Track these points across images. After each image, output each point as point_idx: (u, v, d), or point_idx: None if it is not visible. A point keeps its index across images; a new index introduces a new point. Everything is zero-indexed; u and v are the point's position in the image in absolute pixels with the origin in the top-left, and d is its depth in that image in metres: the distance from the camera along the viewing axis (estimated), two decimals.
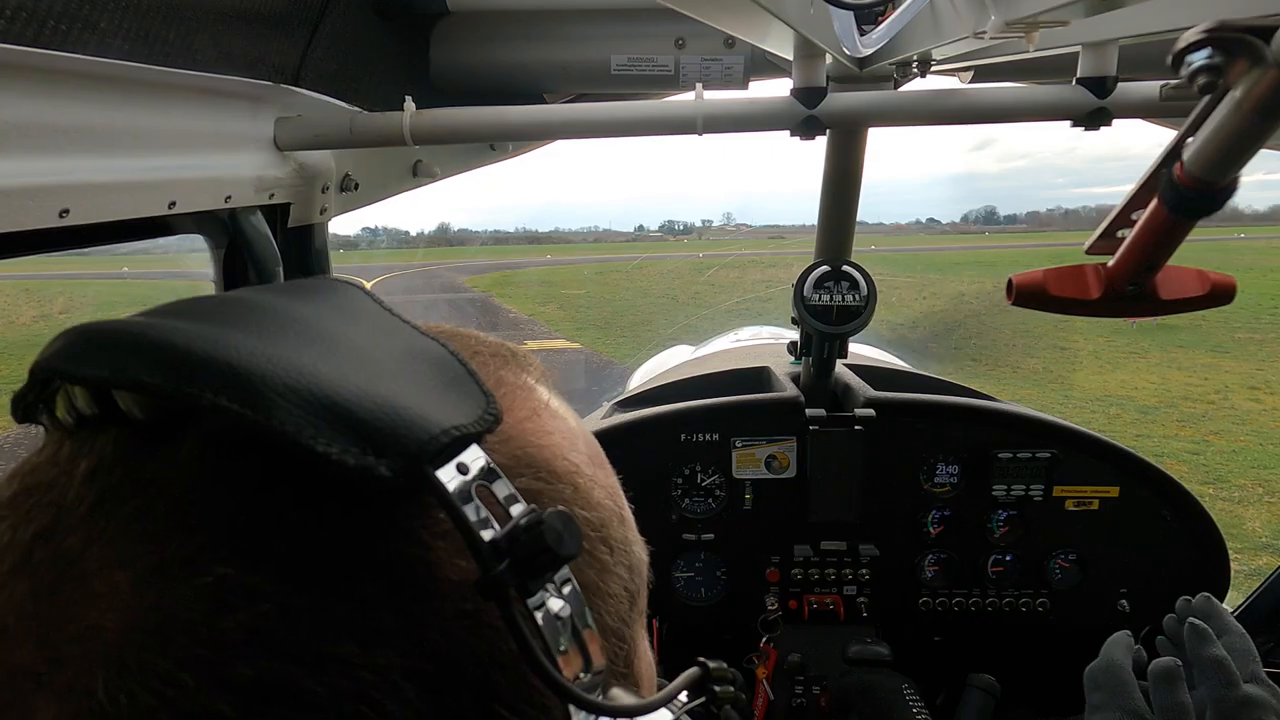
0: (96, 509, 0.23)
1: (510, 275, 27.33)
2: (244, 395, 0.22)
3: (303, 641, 0.22)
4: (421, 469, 0.24)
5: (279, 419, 0.22)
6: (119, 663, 0.21)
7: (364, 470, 0.23)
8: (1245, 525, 5.06)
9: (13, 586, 0.22)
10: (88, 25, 0.55)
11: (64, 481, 0.24)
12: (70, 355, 0.24)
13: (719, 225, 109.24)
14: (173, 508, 0.23)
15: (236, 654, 0.21)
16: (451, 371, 0.29)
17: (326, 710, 0.22)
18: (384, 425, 0.24)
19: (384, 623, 0.23)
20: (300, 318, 0.28)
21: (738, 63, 1.05)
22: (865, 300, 1.19)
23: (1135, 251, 0.67)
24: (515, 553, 0.24)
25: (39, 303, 15.28)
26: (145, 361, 0.23)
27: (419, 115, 0.86)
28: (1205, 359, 10.36)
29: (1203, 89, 0.44)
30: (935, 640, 1.43)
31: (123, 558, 0.22)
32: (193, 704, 0.21)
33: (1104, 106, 0.85)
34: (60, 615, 0.22)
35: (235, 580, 0.22)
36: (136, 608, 0.22)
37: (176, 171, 0.70)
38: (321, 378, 0.24)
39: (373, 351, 0.28)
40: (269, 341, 0.25)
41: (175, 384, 0.23)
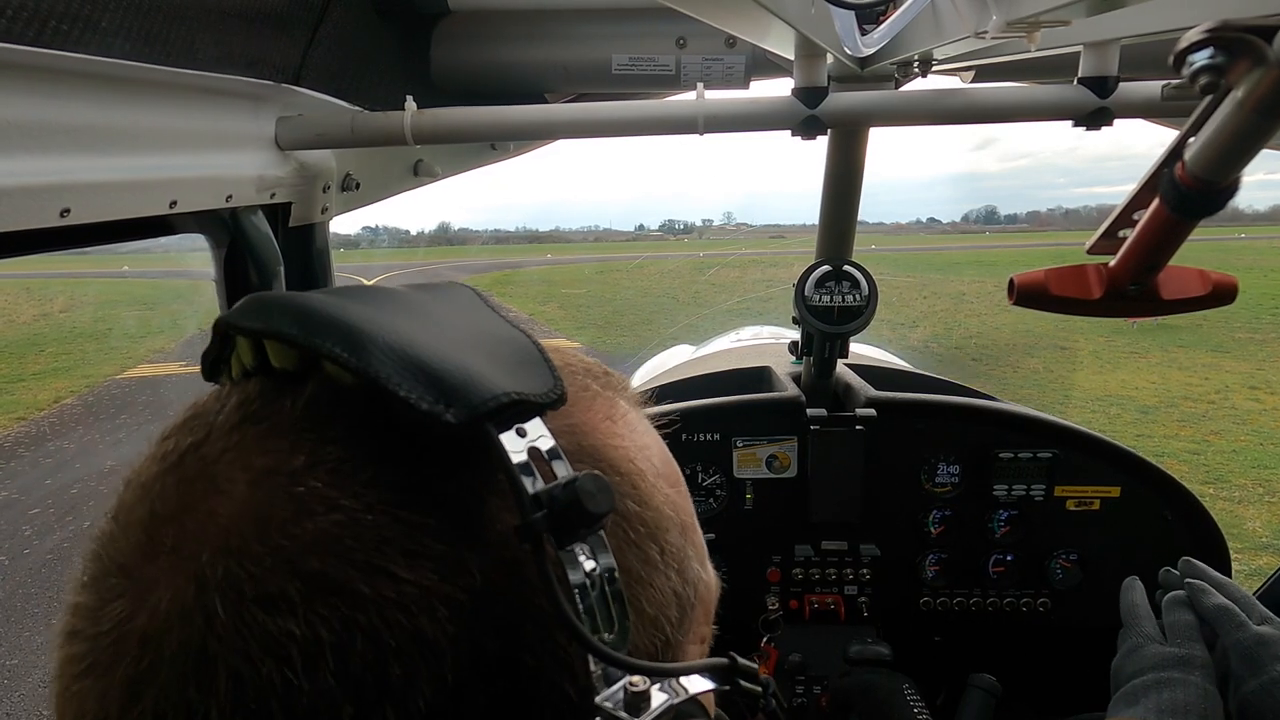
0: (235, 429, 0.30)
1: (511, 274, 27.32)
2: (352, 347, 0.28)
3: (361, 550, 0.26)
4: (481, 421, 0.28)
5: (375, 367, 0.28)
6: (224, 543, 0.26)
7: (433, 415, 0.27)
8: (1245, 525, 5.05)
9: (165, 480, 0.29)
10: (89, 25, 0.55)
11: (218, 409, 0.31)
12: (240, 313, 0.31)
13: (720, 225, 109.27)
14: (288, 433, 0.29)
15: (310, 549, 0.26)
16: (529, 355, 0.33)
17: (369, 610, 0.26)
18: (455, 380, 0.28)
19: (431, 549, 0.27)
20: (413, 300, 0.34)
21: (739, 62, 1.05)
22: (866, 300, 1.19)
23: (1137, 251, 0.67)
24: (552, 505, 0.27)
25: (40, 301, 15.28)
26: (286, 318, 0.29)
27: (420, 115, 0.86)
28: (1205, 359, 10.35)
29: (1204, 89, 0.44)
30: (936, 640, 1.43)
31: (245, 464, 0.28)
32: (270, 582, 0.26)
33: (1105, 106, 0.84)
34: (192, 503, 0.28)
35: (321, 493, 0.27)
36: (246, 502, 0.27)
37: (177, 171, 0.70)
38: (415, 341, 0.29)
39: (464, 329, 0.33)
40: (380, 312, 0.31)
41: (305, 335, 0.29)
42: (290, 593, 0.25)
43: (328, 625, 0.25)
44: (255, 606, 0.25)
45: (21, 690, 3.54)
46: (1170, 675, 0.73)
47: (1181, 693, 0.71)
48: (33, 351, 10.89)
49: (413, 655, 0.26)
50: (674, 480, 0.38)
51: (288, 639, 0.25)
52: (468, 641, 0.27)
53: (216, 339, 0.33)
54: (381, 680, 0.26)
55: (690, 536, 0.37)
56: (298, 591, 0.25)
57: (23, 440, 7.15)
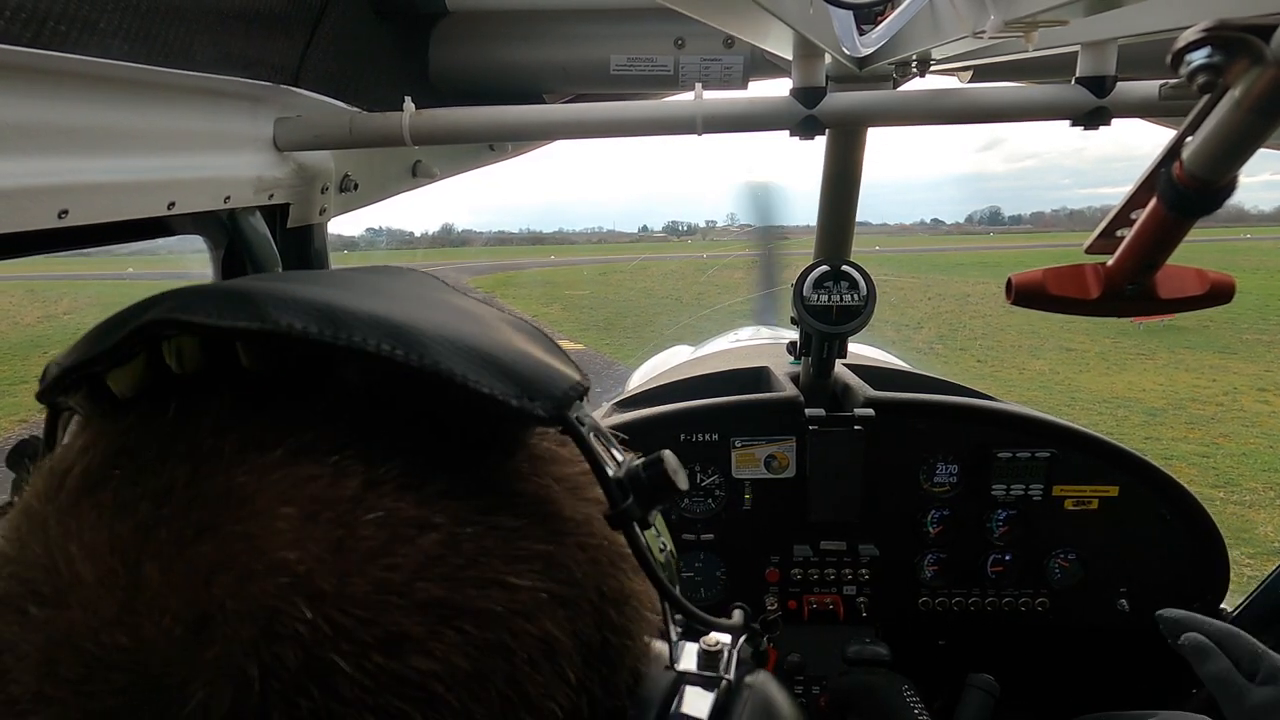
0: (242, 454, 0.24)
1: (513, 276, 27.35)
2: (406, 343, 0.25)
3: (471, 565, 0.24)
4: (564, 413, 0.27)
5: (445, 364, 0.25)
6: (311, 588, 0.22)
7: (524, 411, 0.26)
8: (1257, 529, 5.00)
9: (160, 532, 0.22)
10: (87, 26, 0.56)
11: (183, 434, 0.24)
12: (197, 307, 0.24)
13: (723, 225, 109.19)
14: (321, 452, 0.24)
15: (419, 576, 0.23)
16: (549, 342, 0.33)
17: (496, 625, 0.24)
18: (534, 375, 0.27)
19: (531, 550, 0.26)
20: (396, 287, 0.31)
21: (737, 62, 1.05)
22: (865, 300, 1.19)
23: (1134, 251, 0.67)
24: (638, 488, 0.28)
25: (44, 303, 15.35)
26: (293, 312, 0.24)
27: (418, 115, 0.86)
28: (1213, 360, 10.31)
29: (1202, 88, 0.44)
30: (940, 644, 1.43)
31: (285, 496, 0.23)
32: (387, 621, 0.22)
33: (1103, 106, 0.84)
34: (229, 551, 0.22)
35: (405, 514, 0.24)
36: (315, 538, 0.23)
37: (176, 172, 0.70)
38: (463, 332, 0.27)
39: (485, 318, 0.31)
40: (390, 301, 0.27)
41: (334, 332, 0.24)
42: (412, 628, 0.23)
43: (462, 653, 0.23)
44: (378, 653, 0.22)
45: None
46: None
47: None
48: (36, 353, 10.94)
49: (542, 661, 0.25)
50: None
51: (427, 678, 0.22)
52: (578, 636, 0.27)
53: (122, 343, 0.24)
54: (521, 694, 0.25)
55: None
56: (420, 625, 0.23)
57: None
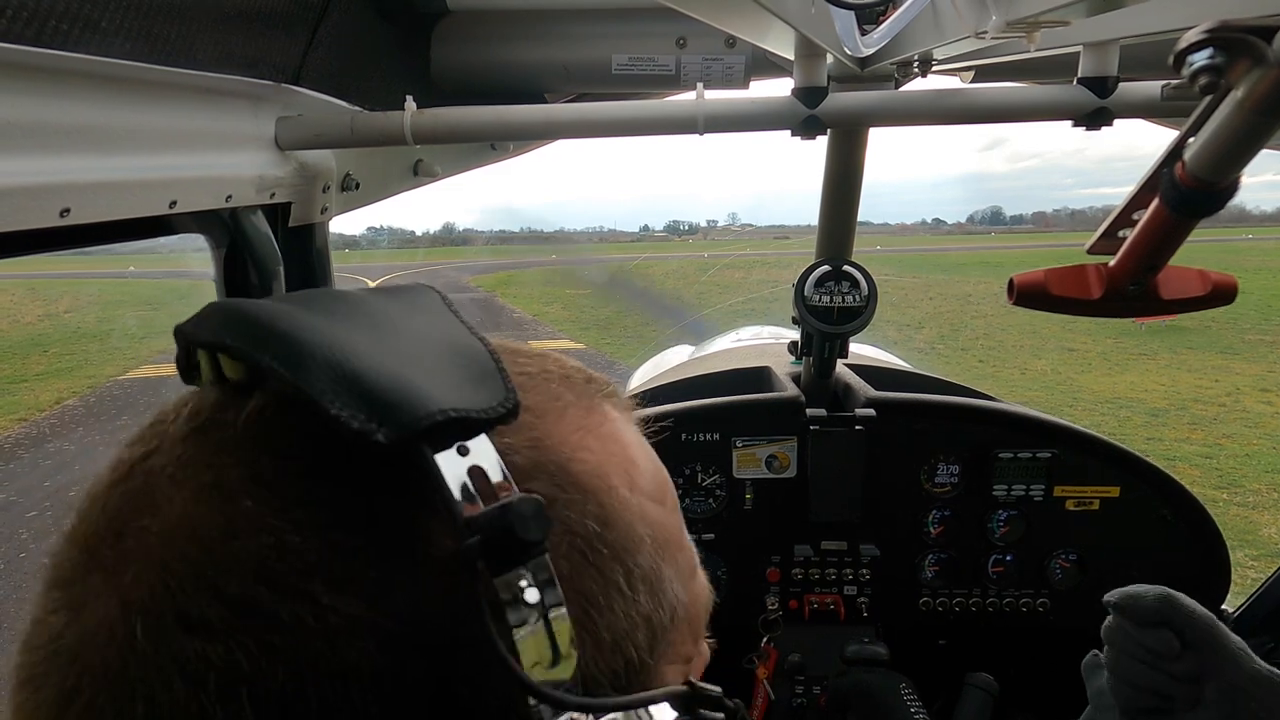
0: (184, 439, 0.29)
1: (514, 275, 27.35)
2: (290, 361, 0.27)
3: (286, 574, 0.25)
4: (414, 440, 0.26)
5: (309, 382, 0.26)
6: (152, 560, 0.26)
7: (363, 434, 0.25)
8: (1261, 531, 4.97)
9: (112, 494, 0.29)
10: (89, 25, 0.56)
11: (172, 419, 0.30)
12: (195, 323, 0.30)
13: (724, 225, 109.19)
14: (229, 449, 0.28)
15: (233, 572, 0.25)
16: (481, 368, 0.31)
17: (289, 637, 0.25)
18: (390, 398, 0.26)
19: (358, 574, 0.26)
20: (371, 308, 0.33)
21: (739, 62, 1.05)
22: (866, 300, 1.19)
23: (1136, 251, 0.67)
24: (487, 530, 0.26)
25: (45, 302, 15.37)
26: (231, 329, 0.28)
27: (420, 115, 0.86)
28: (1215, 360, 10.29)
29: (1204, 89, 0.44)
30: (940, 644, 1.43)
31: (186, 480, 0.27)
32: (191, 605, 0.25)
33: (1105, 106, 0.84)
34: (131, 515, 0.27)
35: (252, 512, 0.26)
36: (180, 521, 0.26)
37: (177, 171, 0.70)
38: (357, 354, 0.28)
39: (415, 341, 0.31)
40: (330, 321, 0.30)
41: (245, 347, 0.28)
42: (211, 617, 0.25)
43: (247, 652, 0.24)
44: (176, 629, 0.25)
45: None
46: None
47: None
48: (36, 351, 10.95)
49: (335, 686, 0.25)
50: (659, 496, 0.35)
51: (205, 665, 0.24)
52: (395, 673, 0.26)
53: (180, 348, 0.32)
54: (301, 711, 0.25)
55: (668, 555, 0.34)
56: (219, 616, 0.25)
57: (23, 441, 7.18)
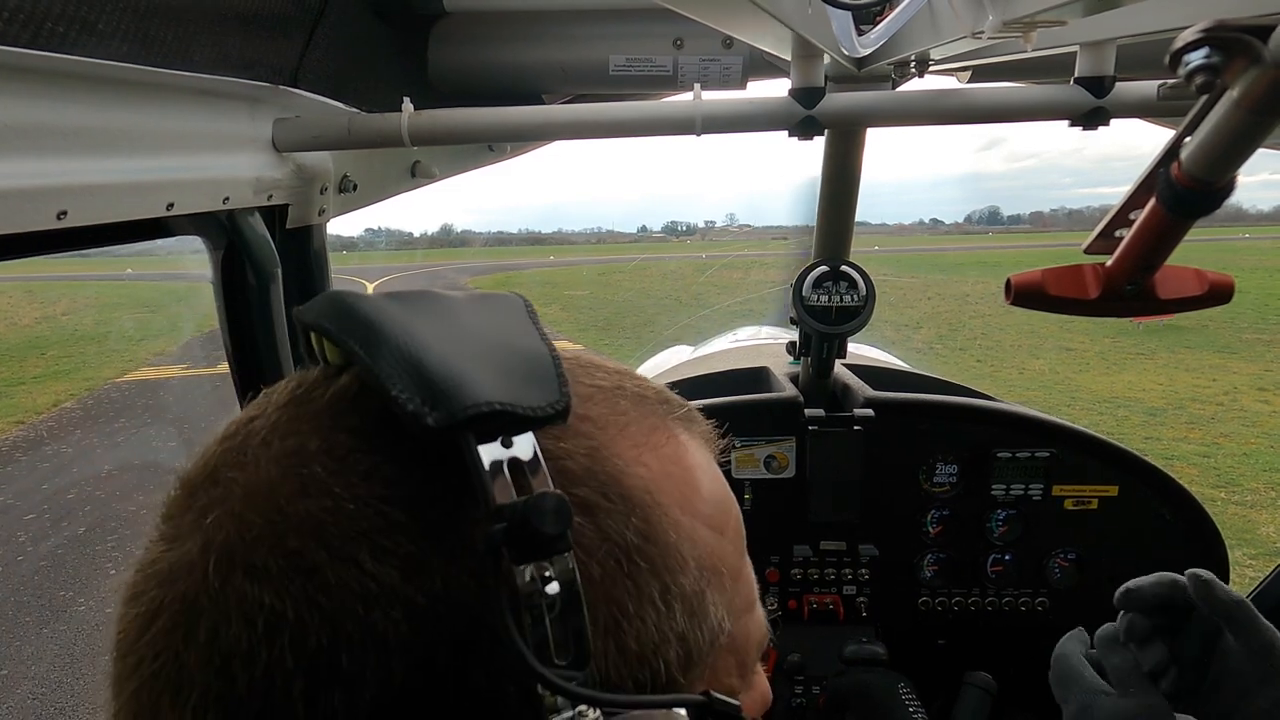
0: (281, 409, 0.33)
1: (513, 276, 27.35)
2: (369, 345, 0.30)
3: (338, 537, 0.28)
4: (459, 426, 0.28)
5: (380, 366, 0.29)
6: (232, 509, 0.29)
7: (416, 416, 0.28)
8: (1259, 530, 4.98)
9: (219, 447, 0.32)
10: (85, 27, 0.55)
11: (281, 389, 0.34)
12: (306, 307, 0.34)
13: (722, 226, 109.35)
14: (315, 418, 0.31)
15: (295, 529, 0.28)
16: (541, 370, 0.32)
17: (331, 596, 0.27)
18: (445, 385, 0.28)
19: (399, 547, 0.28)
20: (455, 308, 0.36)
21: (736, 63, 1.05)
22: (864, 300, 1.19)
23: (1133, 251, 0.67)
24: (512, 520, 0.27)
25: (42, 304, 15.33)
26: (330, 315, 0.32)
27: (417, 116, 0.86)
28: (1213, 360, 10.31)
29: (1200, 88, 0.44)
30: (940, 644, 1.43)
31: (273, 442, 0.31)
32: (257, 553, 0.28)
33: (1102, 106, 0.84)
34: (226, 466, 0.31)
35: (320, 478, 0.29)
36: (263, 476, 0.30)
37: (174, 173, 0.70)
38: (426, 345, 0.30)
39: (485, 340, 0.33)
40: (411, 315, 0.32)
41: (337, 330, 0.32)
42: (271, 566, 0.27)
43: (294, 602, 0.27)
44: (240, 573, 0.28)
45: (10, 702, 3.42)
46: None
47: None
48: (34, 354, 10.92)
49: (363, 648, 0.27)
50: (718, 524, 0.37)
51: (258, 607, 0.27)
52: (420, 646, 0.27)
53: (299, 331, 0.36)
54: (334, 665, 0.27)
55: (717, 582, 0.35)
56: (278, 566, 0.27)
57: (20, 444, 7.16)
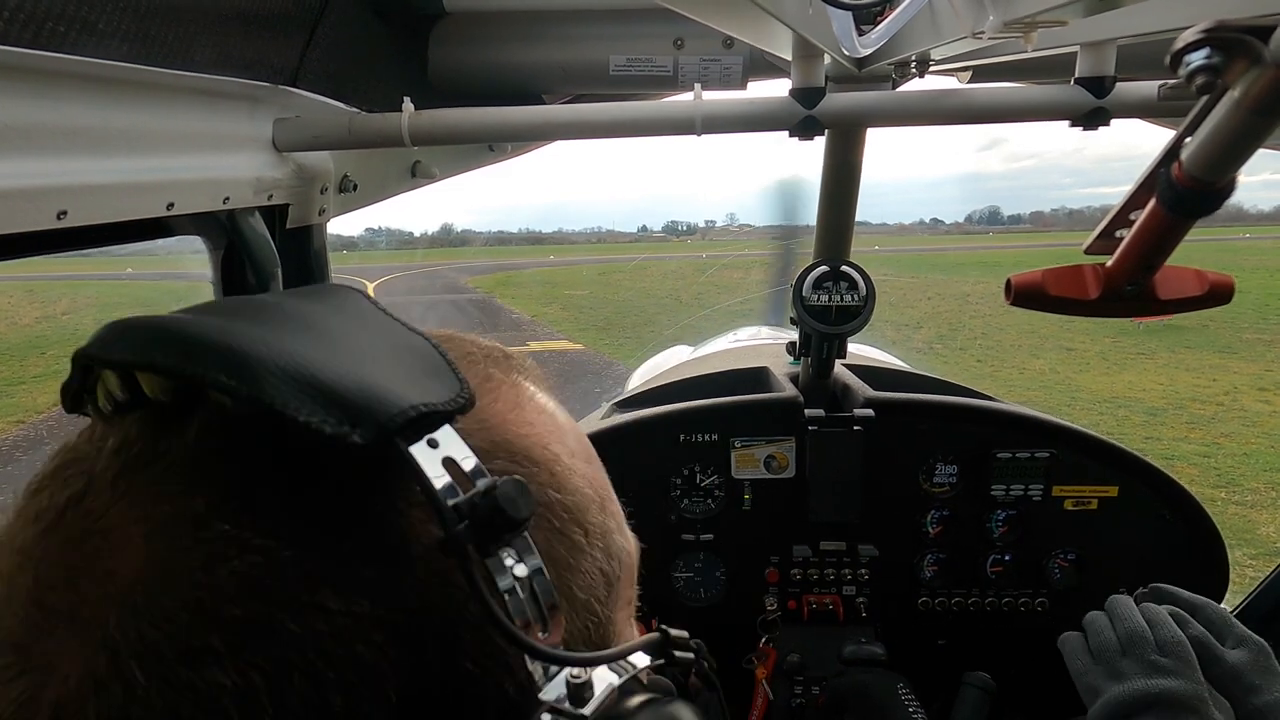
0: (120, 476, 0.27)
1: (513, 276, 27.35)
2: (240, 374, 0.26)
3: (286, 588, 0.25)
4: (391, 438, 0.27)
5: (269, 394, 0.26)
6: (130, 602, 0.25)
7: (340, 437, 0.26)
8: (1259, 530, 4.98)
9: (47, 543, 0.27)
10: (86, 27, 0.56)
11: (95, 455, 0.28)
12: (102, 343, 0.28)
13: (722, 225, 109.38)
14: (181, 474, 0.27)
15: (228, 597, 0.25)
16: (432, 362, 0.32)
17: (304, 648, 0.25)
18: (359, 400, 0.27)
19: (359, 575, 0.26)
20: (301, 313, 0.32)
21: (736, 63, 1.05)
22: (864, 300, 1.19)
23: (1134, 251, 0.67)
24: (473, 515, 0.27)
25: (42, 304, 15.33)
26: (160, 346, 0.27)
27: (417, 116, 0.86)
28: (1213, 360, 10.31)
29: (1201, 89, 0.44)
30: (940, 644, 1.43)
31: (138, 516, 0.26)
32: (189, 637, 0.25)
33: (1102, 106, 0.84)
34: (85, 563, 0.26)
35: (232, 535, 0.26)
36: (148, 557, 0.25)
37: (175, 173, 0.70)
38: (310, 361, 0.27)
39: (361, 342, 0.32)
40: (267, 331, 0.29)
41: (182, 365, 0.26)
42: (214, 645, 0.25)
43: (260, 671, 0.25)
44: (178, 665, 0.24)
45: None
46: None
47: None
48: (34, 354, 10.92)
49: (353, 683, 0.26)
50: (588, 456, 0.38)
51: (220, 692, 0.24)
52: (408, 659, 0.27)
53: (77, 372, 0.30)
54: (325, 712, 0.25)
55: (610, 509, 0.37)
56: (222, 642, 0.25)
57: (20, 443, 7.17)
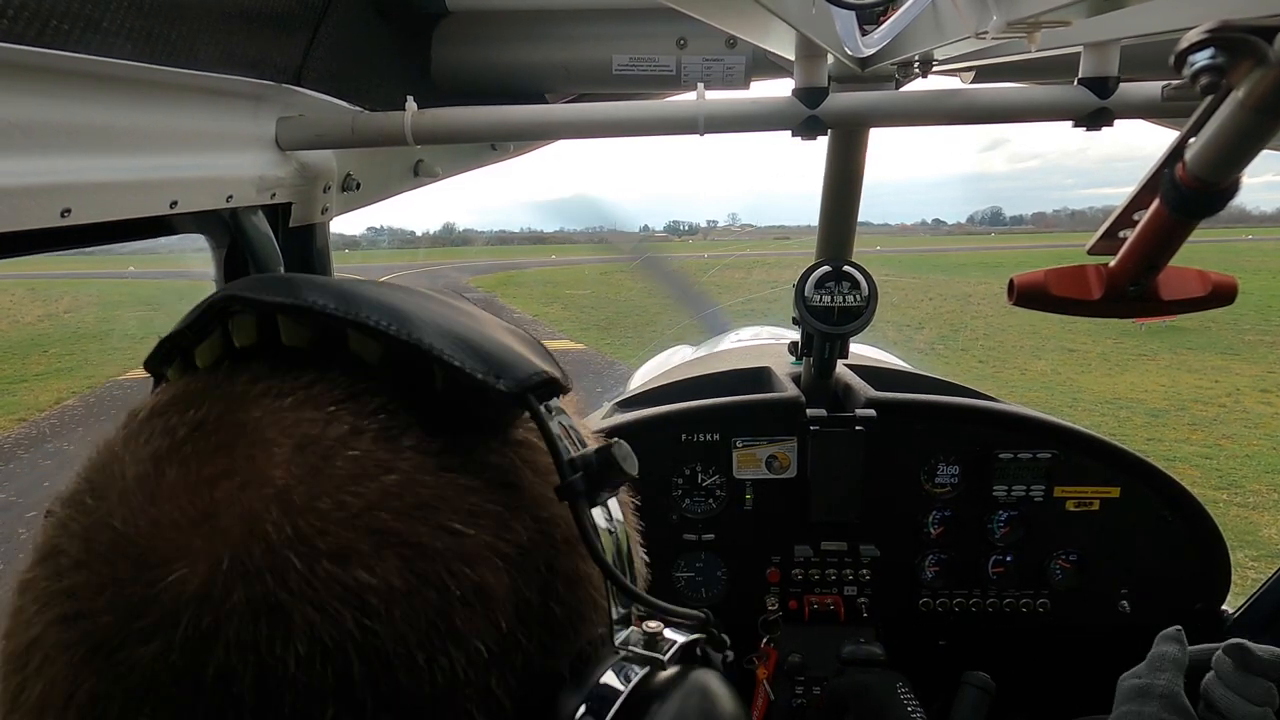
0: (261, 399, 0.30)
1: (514, 275, 27.36)
2: (399, 321, 0.30)
3: (422, 508, 0.28)
4: (526, 392, 0.31)
5: (427, 340, 0.30)
6: (286, 501, 0.27)
7: (486, 385, 0.30)
8: (1261, 532, 4.96)
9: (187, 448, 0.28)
10: (90, 25, 0.56)
11: (227, 385, 0.30)
12: (254, 289, 0.31)
13: (724, 225, 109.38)
14: (324, 403, 0.30)
15: (376, 506, 0.28)
16: (538, 346, 0.37)
17: (438, 561, 0.28)
18: (501, 357, 0.31)
19: (483, 508, 0.30)
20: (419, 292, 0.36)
21: (739, 63, 1.05)
22: (866, 300, 1.19)
23: (1137, 252, 0.67)
24: (587, 469, 0.31)
25: (45, 302, 15.35)
26: (319, 293, 0.31)
27: (420, 115, 0.86)
28: (1215, 361, 10.29)
29: (1205, 89, 0.44)
30: (941, 644, 1.43)
31: (287, 430, 0.29)
32: (341, 537, 0.27)
33: (1106, 107, 0.84)
34: (239, 464, 0.28)
35: (375, 456, 0.29)
36: (301, 465, 0.28)
37: (178, 171, 0.70)
38: (454, 321, 0.32)
39: (483, 319, 0.36)
40: (403, 294, 0.33)
41: (343, 308, 0.30)
42: (361, 546, 0.27)
43: (400, 576, 0.27)
44: (327, 560, 0.26)
45: None
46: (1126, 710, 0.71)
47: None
48: (36, 351, 10.93)
49: (475, 603, 0.28)
50: None
51: (364, 589, 0.26)
52: (516, 592, 0.30)
53: (205, 316, 0.32)
54: (449, 626, 0.28)
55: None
56: (369, 545, 0.27)
57: (22, 441, 7.18)
